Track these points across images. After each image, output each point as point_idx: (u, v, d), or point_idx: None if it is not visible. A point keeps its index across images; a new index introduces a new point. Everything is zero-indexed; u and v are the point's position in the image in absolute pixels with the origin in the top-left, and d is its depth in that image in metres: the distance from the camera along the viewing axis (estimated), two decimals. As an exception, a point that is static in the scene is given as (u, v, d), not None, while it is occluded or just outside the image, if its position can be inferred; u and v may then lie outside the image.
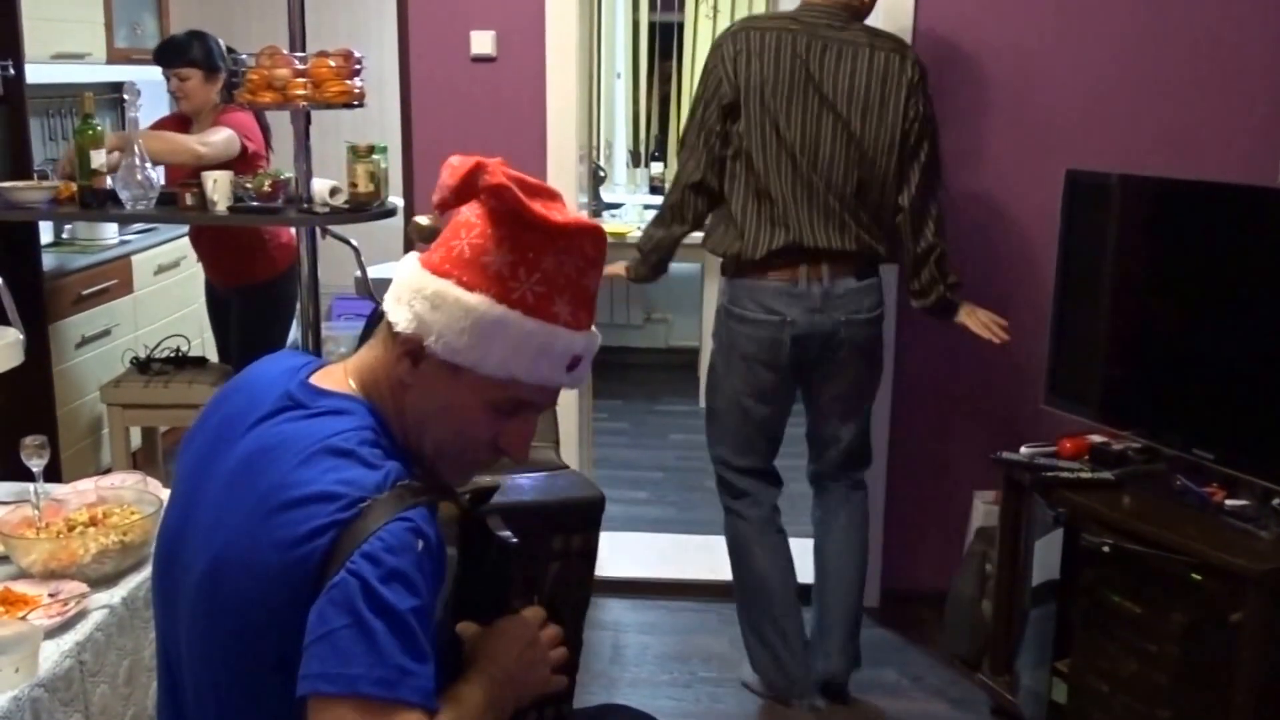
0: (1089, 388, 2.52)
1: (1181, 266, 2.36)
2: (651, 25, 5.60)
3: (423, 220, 1.07)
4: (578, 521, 1.18)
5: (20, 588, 1.60)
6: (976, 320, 2.51)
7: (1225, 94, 2.77)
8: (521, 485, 1.17)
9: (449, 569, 1.05)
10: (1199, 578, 2.10)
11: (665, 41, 5.61)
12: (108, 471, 3.43)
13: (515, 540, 1.08)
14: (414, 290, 1.07)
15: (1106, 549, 2.27)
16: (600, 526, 1.21)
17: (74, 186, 2.80)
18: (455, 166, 1.09)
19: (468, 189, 1.08)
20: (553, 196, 1.10)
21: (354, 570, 0.96)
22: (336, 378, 1.14)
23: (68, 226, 3.92)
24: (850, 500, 2.62)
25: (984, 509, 2.81)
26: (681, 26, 5.57)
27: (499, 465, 1.15)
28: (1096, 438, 2.46)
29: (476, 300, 1.05)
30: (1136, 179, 2.46)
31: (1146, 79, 2.79)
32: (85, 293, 3.64)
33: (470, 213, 1.09)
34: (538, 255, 1.07)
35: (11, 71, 3.08)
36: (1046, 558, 2.42)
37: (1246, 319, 2.20)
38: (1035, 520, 2.47)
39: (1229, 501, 2.18)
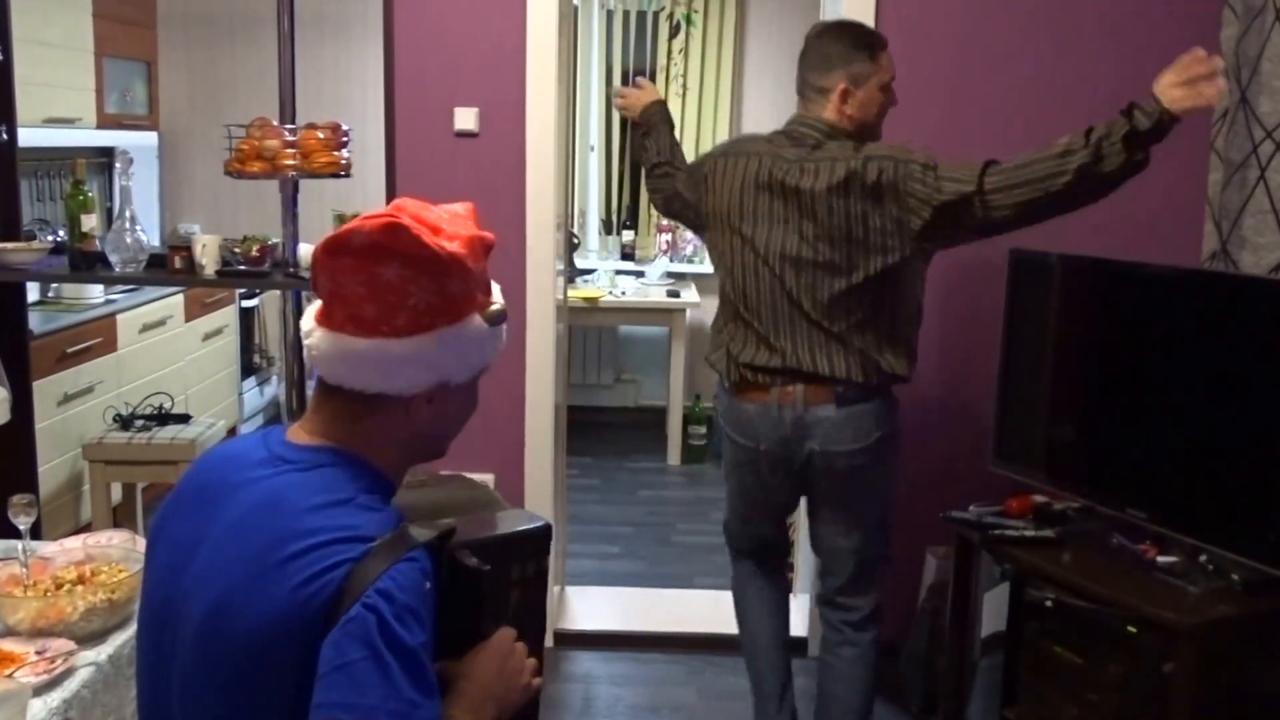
0: (1033, 451, 2.63)
1: (1115, 339, 2.48)
2: (624, 101, 5.85)
3: None
4: (531, 549, 1.25)
5: (7, 645, 1.61)
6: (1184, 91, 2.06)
7: (1154, 186, 2.98)
8: (475, 524, 1.25)
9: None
10: (1134, 630, 2.21)
11: (637, 117, 5.85)
12: (88, 527, 3.46)
13: (487, 567, 1.16)
14: (399, 359, 1.13)
15: (1049, 603, 2.39)
16: (549, 553, 1.31)
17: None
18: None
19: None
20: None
21: (370, 605, 1.01)
22: (305, 438, 1.19)
23: (54, 286, 3.94)
24: (852, 642, 2.41)
25: (936, 564, 2.91)
26: (653, 104, 5.81)
27: (451, 508, 1.28)
28: (1040, 498, 2.55)
29: (473, 325, 1.17)
30: (1075, 258, 2.58)
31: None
32: (70, 350, 3.65)
33: (362, 277, 1.12)
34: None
35: (4, 136, 3.10)
36: (994, 611, 2.52)
37: (1174, 388, 2.33)
38: (984, 575, 2.57)
39: (1160, 558, 2.27)
